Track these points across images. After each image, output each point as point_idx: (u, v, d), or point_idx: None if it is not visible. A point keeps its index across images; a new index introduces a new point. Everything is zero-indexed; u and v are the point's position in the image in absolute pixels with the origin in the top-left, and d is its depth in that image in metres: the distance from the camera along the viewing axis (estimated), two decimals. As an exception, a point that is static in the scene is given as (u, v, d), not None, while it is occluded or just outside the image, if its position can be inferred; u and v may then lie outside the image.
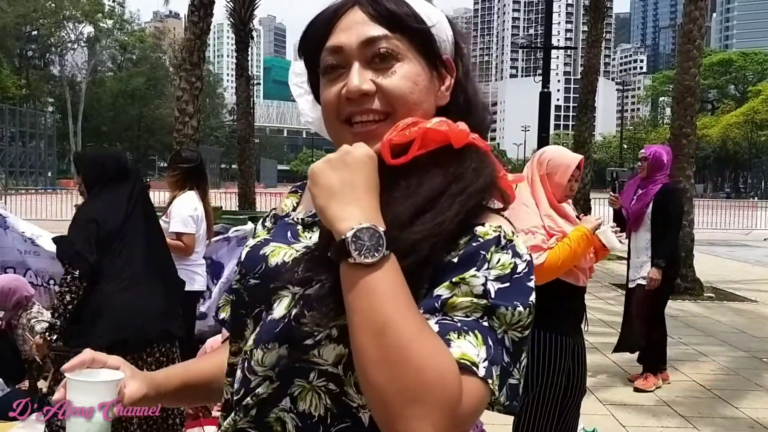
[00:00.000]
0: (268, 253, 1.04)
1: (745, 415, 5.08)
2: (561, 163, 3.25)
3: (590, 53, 15.49)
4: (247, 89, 18.34)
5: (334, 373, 0.93)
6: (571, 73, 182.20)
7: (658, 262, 5.43)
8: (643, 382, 5.63)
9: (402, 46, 0.99)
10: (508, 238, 0.93)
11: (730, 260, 15.38)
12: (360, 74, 0.98)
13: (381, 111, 0.99)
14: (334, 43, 1.00)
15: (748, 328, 8.11)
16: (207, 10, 10.23)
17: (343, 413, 0.93)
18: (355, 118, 0.99)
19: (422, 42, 1.01)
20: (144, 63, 79.67)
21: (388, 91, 0.98)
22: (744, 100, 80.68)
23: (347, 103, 0.99)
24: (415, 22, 1.00)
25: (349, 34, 0.99)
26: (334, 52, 1.00)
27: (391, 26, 0.99)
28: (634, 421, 4.91)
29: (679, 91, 10.79)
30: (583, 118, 15.37)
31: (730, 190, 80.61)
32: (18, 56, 71.19)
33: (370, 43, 0.98)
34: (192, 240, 4.56)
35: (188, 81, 10.13)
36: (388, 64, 0.99)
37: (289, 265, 0.99)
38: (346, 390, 0.93)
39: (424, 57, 1.01)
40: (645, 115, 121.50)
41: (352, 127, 1.00)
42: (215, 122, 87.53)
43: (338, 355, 0.92)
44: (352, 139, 0.97)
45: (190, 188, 4.68)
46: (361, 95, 0.98)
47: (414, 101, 0.99)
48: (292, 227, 1.08)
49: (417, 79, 1.00)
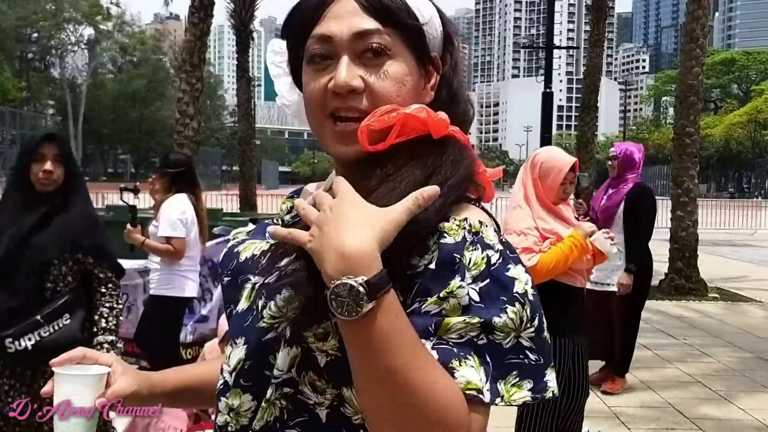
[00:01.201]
0: (240, 250, 1.05)
1: (751, 416, 5.04)
2: (554, 165, 3.24)
3: (592, 53, 15.43)
4: (248, 91, 18.32)
5: (287, 379, 0.92)
6: (573, 73, 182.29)
7: (629, 267, 5.15)
8: (611, 385, 5.49)
9: (393, 42, 0.96)
10: (474, 230, 0.89)
11: (735, 260, 15.34)
12: (349, 69, 0.94)
13: (366, 111, 0.94)
14: (324, 31, 0.96)
15: (753, 328, 8.06)
16: (207, 11, 10.20)
17: (300, 409, 0.92)
18: (339, 114, 0.96)
19: (413, 39, 0.98)
20: (145, 65, 79.86)
21: (376, 92, 0.95)
22: (747, 100, 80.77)
23: (333, 97, 0.95)
24: (408, 18, 0.97)
25: (341, 24, 0.95)
26: (323, 41, 0.96)
27: (383, 20, 0.95)
28: (639, 423, 4.87)
29: (682, 90, 10.74)
30: (586, 118, 15.30)
31: (734, 189, 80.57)
32: (18, 59, 71.44)
33: (362, 36, 0.95)
34: (182, 243, 4.48)
35: (189, 82, 10.10)
36: (379, 61, 0.95)
37: (257, 257, 1.00)
38: (301, 389, 0.91)
39: (413, 54, 0.98)
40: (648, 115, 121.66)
41: (335, 124, 0.96)
42: (216, 124, 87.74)
43: (292, 358, 0.91)
44: (333, 137, 0.96)
45: (179, 191, 4.60)
46: (349, 91, 0.94)
47: (399, 103, 0.95)
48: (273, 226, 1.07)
49: (405, 80, 0.97)
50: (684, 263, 10.31)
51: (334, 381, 0.90)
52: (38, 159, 2.72)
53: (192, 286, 4.66)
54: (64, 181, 2.78)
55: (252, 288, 0.98)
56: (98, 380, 1.03)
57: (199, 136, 10.31)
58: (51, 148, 2.74)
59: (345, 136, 0.95)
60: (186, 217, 4.51)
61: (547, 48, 15.53)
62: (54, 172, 2.74)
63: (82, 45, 74.32)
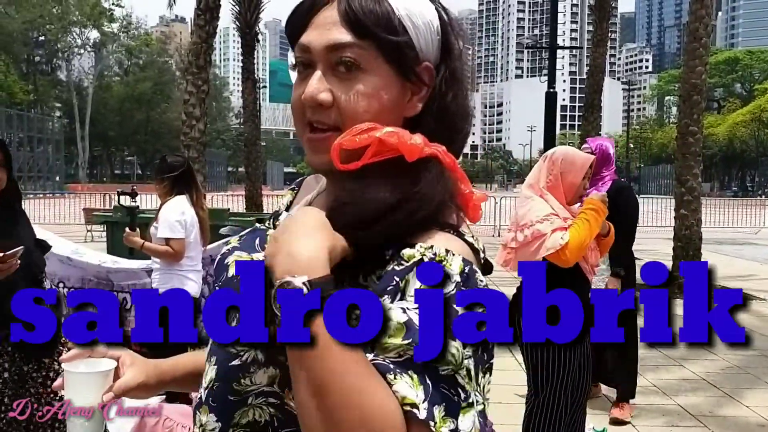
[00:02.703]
0: (229, 263, 1.04)
1: (755, 413, 5.06)
2: (574, 161, 3.26)
3: (596, 53, 15.45)
4: (253, 92, 18.38)
5: (271, 392, 0.92)
6: (576, 72, 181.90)
7: (616, 271, 4.71)
8: (620, 411, 4.91)
9: (369, 54, 0.94)
10: (438, 259, 0.86)
11: (739, 259, 15.31)
12: (320, 82, 0.94)
13: (334, 125, 0.95)
14: (303, 41, 0.97)
15: (757, 326, 8.07)
16: (213, 13, 10.28)
17: (289, 420, 0.91)
18: (313, 124, 0.97)
19: (392, 52, 0.95)
20: (151, 67, 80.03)
21: (343, 108, 0.94)
22: (750, 99, 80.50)
23: (307, 108, 0.96)
24: (385, 32, 0.94)
25: (319, 35, 0.95)
26: (303, 50, 0.97)
27: (359, 33, 0.93)
28: (644, 421, 4.89)
29: (686, 89, 10.74)
30: (590, 118, 15.32)
31: (738, 188, 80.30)
32: (25, 62, 71.62)
33: (336, 49, 0.94)
34: (180, 245, 4.51)
35: (195, 84, 10.18)
36: (351, 75, 0.94)
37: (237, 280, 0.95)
38: (286, 402, 0.92)
39: (392, 67, 0.96)
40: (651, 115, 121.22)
41: (309, 132, 0.97)
42: (222, 125, 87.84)
43: (270, 377, 0.92)
44: (307, 144, 0.98)
45: (179, 193, 4.63)
46: (317, 105, 0.94)
47: (366, 120, 0.93)
48: (261, 234, 1.07)
49: (379, 94, 0.95)
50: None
51: None
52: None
53: (193, 286, 4.65)
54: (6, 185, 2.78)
55: None
56: (103, 377, 1.04)
57: (205, 137, 10.39)
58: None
59: (315, 145, 0.96)
60: (185, 219, 4.54)
61: (551, 48, 15.55)
62: (1, 178, 2.74)
63: (89, 48, 74.45)
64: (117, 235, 6.66)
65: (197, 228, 4.68)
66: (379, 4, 0.94)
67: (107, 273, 5.60)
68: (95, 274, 5.57)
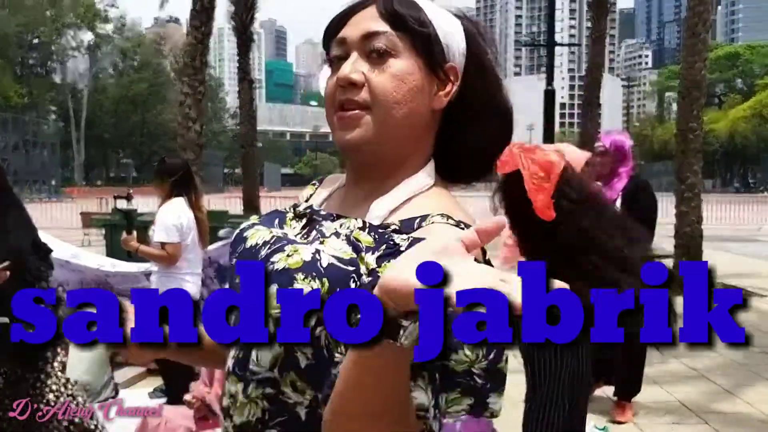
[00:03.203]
0: (248, 235, 1.09)
1: (756, 409, 5.07)
2: (572, 159, 3.24)
3: (594, 50, 15.44)
4: (249, 93, 18.36)
5: (270, 378, 0.96)
6: (575, 70, 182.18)
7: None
8: (621, 413, 4.79)
9: (401, 43, 1.03)
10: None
11: (741, 256, 15.31)
12: (353, 64, 1.02)
13: (364, 103, 1.01)
14: (340, 35, 1.06)
15: (759, 323, 8.05)
16: (208, 14, 10.27)
17: (281, 410, 0.96)
18: (344, 105, 1.03)
19: (422, 43, 1.04)
20: (145, 69, 79.97)
21: (373, 87, 1.01)
22: (751, 94, 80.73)
23: (340, 90, 1.03)
24: (417, 25, 1.04)
25: (355, 28, 1.04)
26: (339, 44, 1.06)
27: (394, 25, 1.03)
28: (645, 418, 4.89)
29: (685, 86, 10.73)
30: (589, 115, 15.31)
31: (739, 184, 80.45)
32: (20, 64, 71.60)
33: (371, 36, 1.02)
34: (175, 249, 4.53)
35: (191, 86, 10.15)
36: (384, 60, 1.02)
37: (258, 246, 1.03)
38: (282, 390, 0.96)
39: (422, 58, 1.04)
40: (651, 111, 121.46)
41: (340, 112, 1.03)
42: (217, 126, 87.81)
43: (274, 357, 0.95)
44: (336, 124, 1.03)
45: (178, 195, 4.64)
46: (349, 84, 1.01)
47: (396, 100, 1.01)
48: (281, 215, 1.13)
49: (407, 78, 1.02)
50: (688, 259, 10.30)
51: (313, 383, 0.94)
52: None
53: (191, 288, 4.66)
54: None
55: None
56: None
57: (201, 138, 10.36)
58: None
59: (344, 122, 1.02)
60: (181, 222, 4.55)
61: (549, 45, 15.54)
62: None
63: (83, 50, 74.49)
64: (116, 238, 6.69)
65: (195, 231, 4.69)
66: (414, 8, 1.05)
67: (106, 276, 5.62)
68: (94, 277, 5.59)
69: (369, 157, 1.04)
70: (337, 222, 1.02)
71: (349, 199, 1.09)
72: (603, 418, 4.74)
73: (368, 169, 1.06)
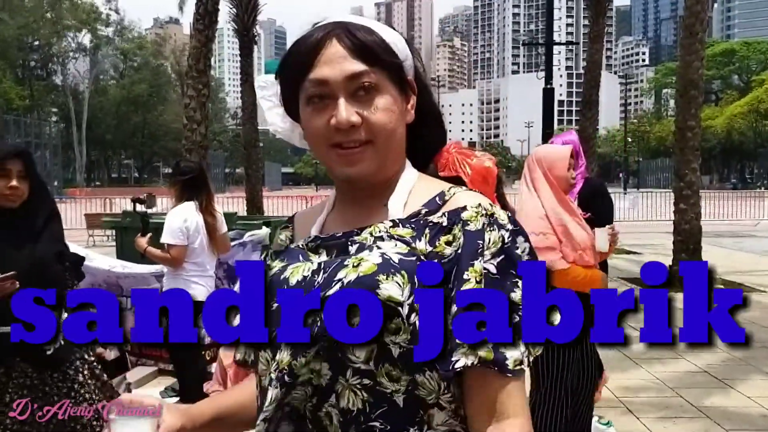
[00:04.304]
0: (288, 275, 1.14)
1: (757, 404, 5.13)
2: (556, 156, 3.35)
3: (592, 48, 15.48)
4: (251, 94, 18.38)
5: (366, 370, 1.04)
6: (573, 67, 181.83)
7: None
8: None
9: (379, 78, 1.11)
10: (488, 213, 1.09)
11: (739, 251, 15.37)
12: (347, 108, 1.09)
13: (364, 140, 1.11)
14: (319, 76, 1.10)
15: (757, 318, 8.12)
16: (212, 17, 10.32)
17: (380, 401, 1.04)
18: (342, 145, 1.11)
19: (395, 73, 1.14)
20: (146, 70, 79.75)
21: (372, 124, 1.11)
22: (748, 90, 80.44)
23: (336, 132, 1.10)
24: (388, 56, 1.13)
25: (333, 69, 1.10)
26: (320, 85, 1.11)
27: (369, 61, 1.10)
28: (646, 412, 4.96)
29: (683, 84, 10.80)
30: (587, 114, 15.34)
31: (737, 180, 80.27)
32: (21, 67, 71.42)
33: (354, 77, 1.10)
34: (179, 252, 4.57)
35: (195, 88, 10.24)
36: (370, 97, 1.11)
37: (309, 277, 1.10)
38: (379, 381, 1.04)
39: (395, 85, 1.14)
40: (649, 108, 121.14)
41: (340, 149, 1.12)
42: (218, 127, 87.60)
43: (369, 351, 1.03)
44: (339, 161, 1.12)
45: (188, 199, 4.68)
46: (350, 127, 1.09)
47: (391, 129, 1.13)
48: (301, 252, 1.18)
49: (393, 108, 1.13)
50: (688, 255, 10.38)
51: (407, 369, 1.03)
52: (3, 175, 2.71)
53: (201, 291, 4.66)
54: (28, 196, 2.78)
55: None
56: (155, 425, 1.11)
57: (206, 140, 10.44)
58: (16, 164, 2.73)
59: (351, 159, 1.11)
60: (188, 225, 4.59)
61: (547, 44, 15.59)
62: (20, 188, 2.73)
63: (83, 52, 74.28)
64: (126, 240, 6.71)
65: (204, 234, 4.71)
66: (374, 35, 1.13)
67: (117, 278, 5.66)
68: (105, 279, 5.63)
69: (372, 180, 1.15)
70: (363, 234, 1.12)
71: (352, 215, 1.18)
72: (608, 412, 4.80)
73: (370, 188, 1.16)
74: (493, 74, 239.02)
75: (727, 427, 4.67)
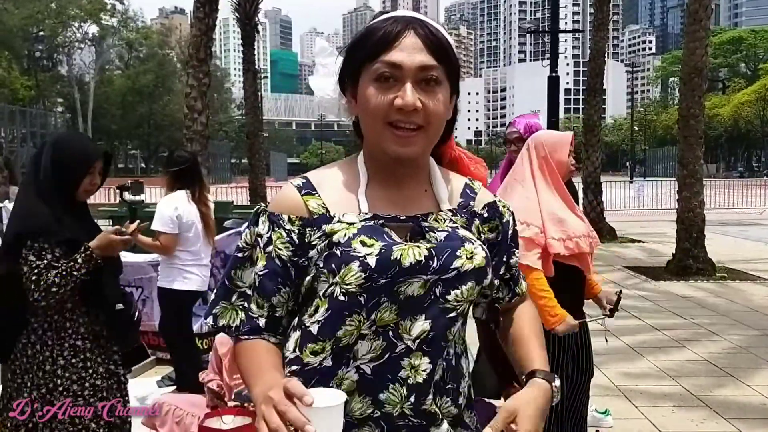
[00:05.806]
0: (399, 257, 1.24)
1: (758, 392, 5.11)
2: (557, 140, 3.29)
3: (596, 36, 15.41)
4: (254, 84, 18.35)
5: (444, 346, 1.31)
6: (579, 56, 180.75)
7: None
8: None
9: (442, 74, 1.27)
10: (509, 209, 1.47)
11: (744, 240, 15.31)
12: (413, 93, 1.24)
13: (420, 124, 1.26)
14: (395, 60, 1.24)
15: (761, 307, 8.10)
16: (212, 5, 10.25)
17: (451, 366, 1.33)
18: (399, 124, 1.25)
19: (453, 73, 1.30)
20: (151, 60, 79.68)
21: (430, 112, 1.26)
22: (755, 78, 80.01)
23: (397, 111, 1.24)
24: (453, 57, 1.29)
25: (409, 56, 1.24)
26: (393, 67, 1.24)
27: (438, 57, 1.26)
28: (647, 402, 4.94)
29: (687, 71, 10.73)
30: (592, 102, 15.31)
31: (743, 169, 79.91)
32: (26, 57, 71.47)
33: (425, 69, 1.25)
34: (169, 240, 4.59)
35: (196, 77, 10.18)
36: (433, 88, 1.26)
37: (423, 262, 1.25)
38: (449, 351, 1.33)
39: (451, 82, 1.30)
40: (655, 97, 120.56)
41: (396, 130, 1.25)
42: (224, 117, 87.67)
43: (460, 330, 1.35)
44: (394, 139, 1.26)
45: (181, 188, 4.70)
46: (413, 109, 1.24)
47: (442, 120, 1.30)
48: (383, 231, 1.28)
49: (447, 102, 1.30)
50: (691, 244, 10.34)
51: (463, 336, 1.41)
52: (90, 172, 2.92)
53: (196, 280, 4.72)
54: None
55: (426, 282, 1.26)
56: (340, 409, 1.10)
57: (207, 130, 10.39)
58: (99, 163, 2.96)
59: (405, 140, 1.26)
60: (178, 214, 4.61)
61: (553, 32, 15.48)
62: (98, 185, 3.00)
63: (88, 42, 74.27)
64: (123, 229, 6.71)
65: (198, 224, 4.73)
66: (442, 35, 1.28)
67: (114, 268, 5.65)
68: (102, 268, 5.62)
69: (416, 162, 1.33)
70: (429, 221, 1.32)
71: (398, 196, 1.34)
72: (605, 402, 4.79)
73: (412, 170, 1.34)
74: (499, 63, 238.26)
75: (728, 416, 4.65)
